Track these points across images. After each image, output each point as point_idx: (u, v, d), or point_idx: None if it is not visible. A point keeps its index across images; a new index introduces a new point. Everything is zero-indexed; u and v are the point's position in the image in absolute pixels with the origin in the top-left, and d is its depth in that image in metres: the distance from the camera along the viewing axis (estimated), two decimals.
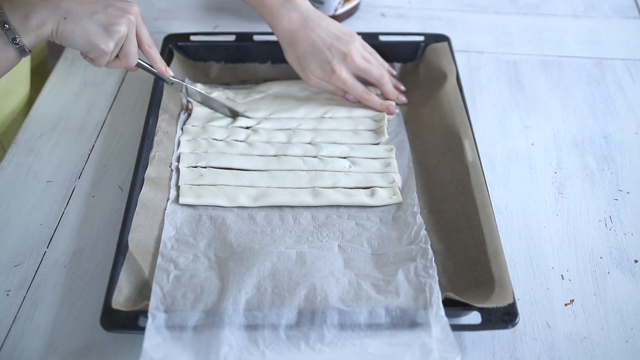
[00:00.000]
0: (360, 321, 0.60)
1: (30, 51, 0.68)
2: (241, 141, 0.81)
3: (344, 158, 0.80)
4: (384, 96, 0.87)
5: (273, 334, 0.60)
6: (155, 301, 0.61)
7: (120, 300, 0.62)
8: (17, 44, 0.66)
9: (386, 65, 0.89)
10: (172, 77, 0.81)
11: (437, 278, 0.64)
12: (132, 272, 0.64)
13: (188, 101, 0.86)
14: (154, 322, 0.59)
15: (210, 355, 0.57)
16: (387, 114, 0.85)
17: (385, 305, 0.61)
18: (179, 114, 0.85)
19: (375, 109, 0.86)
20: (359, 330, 0.60)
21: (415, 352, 0.58)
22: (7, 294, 0.68)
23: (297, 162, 0.79)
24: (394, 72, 0.90)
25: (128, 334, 0.63)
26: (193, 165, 0.78)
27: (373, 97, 0.86)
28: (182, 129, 0.82)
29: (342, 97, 0.87)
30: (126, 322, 0.60)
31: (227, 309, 0.60)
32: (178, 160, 0.78)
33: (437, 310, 0.60)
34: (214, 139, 0.81)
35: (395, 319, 0.60)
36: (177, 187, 0.75)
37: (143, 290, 0.64)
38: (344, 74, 0.84)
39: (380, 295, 0.62)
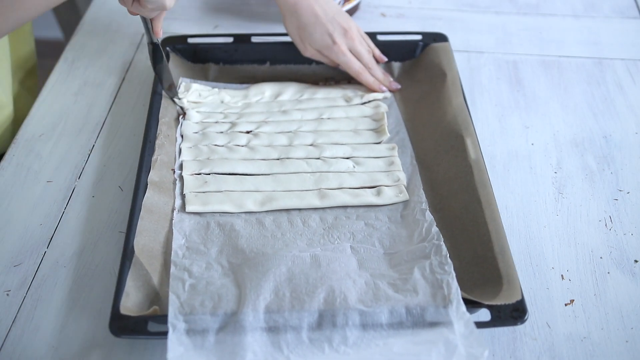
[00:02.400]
0: (382, 321, 0.60)
1: None
2: (242, 146, 0.81)
3: (347, 158, 0.80)
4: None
5: (296, 338, 0.59)
6: (173, 310, 0.60)
7: (128, 305, 0.61)
8: None
9: (377, 51, 0.90)
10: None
11: (454, 274, 0.63)
12: (138, 277, 0.64)
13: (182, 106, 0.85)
14: (175, 332, 0.58)
15: None
16: (379, 91, 0.88)
17: (405, 303, 0.61)
18: (178, 117, 0.84)
19: (368, 85, 0.88)
20: (381, 330, 0.60)
21: (440, 349, 0.57)
22: (7, 294, 0.68)
23: (300, 165, 0.78)
24: (385, 59, 0.91)
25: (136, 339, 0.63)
26: (196, 172, 0.77)
27: (367, 74, 0.88)
28: (181, 135, 0.82)
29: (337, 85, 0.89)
30: (135, 327, 0.60)
31: (248, 315, 0.59)
32: (181, 168, 0.77)
33: (458, 306, 0.60)
34: (215, 145, 0.80)
35: (416, 317, 0.60)
36: (182, 196, 0.74)
37: (150, 294, 0.64)
38: (344, 47, 0.86)
39: (398, 294, 0.62)
